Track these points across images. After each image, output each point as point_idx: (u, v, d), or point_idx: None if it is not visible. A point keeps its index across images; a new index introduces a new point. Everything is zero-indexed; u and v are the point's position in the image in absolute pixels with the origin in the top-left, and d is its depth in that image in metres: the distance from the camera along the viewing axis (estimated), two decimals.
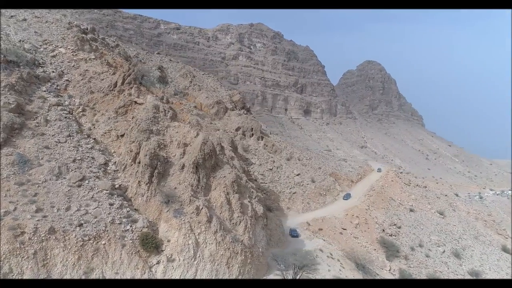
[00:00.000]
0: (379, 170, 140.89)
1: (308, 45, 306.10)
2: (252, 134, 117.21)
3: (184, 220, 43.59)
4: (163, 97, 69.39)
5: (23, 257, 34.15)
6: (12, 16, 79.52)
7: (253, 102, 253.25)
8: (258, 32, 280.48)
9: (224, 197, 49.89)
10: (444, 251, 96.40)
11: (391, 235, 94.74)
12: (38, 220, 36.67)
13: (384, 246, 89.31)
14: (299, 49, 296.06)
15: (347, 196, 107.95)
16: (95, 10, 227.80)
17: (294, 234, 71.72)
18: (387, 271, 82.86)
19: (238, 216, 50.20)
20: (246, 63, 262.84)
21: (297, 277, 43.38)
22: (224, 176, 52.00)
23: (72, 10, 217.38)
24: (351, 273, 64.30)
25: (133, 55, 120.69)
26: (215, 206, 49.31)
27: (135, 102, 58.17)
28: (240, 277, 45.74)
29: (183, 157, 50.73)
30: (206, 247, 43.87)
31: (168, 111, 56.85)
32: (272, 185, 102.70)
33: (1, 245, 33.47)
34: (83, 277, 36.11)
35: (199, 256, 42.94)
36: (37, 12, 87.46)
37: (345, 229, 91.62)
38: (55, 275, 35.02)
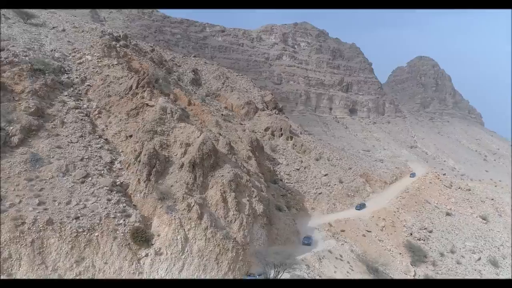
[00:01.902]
0: (412, 175, 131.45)
1: (354, 42, 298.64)
2: (281, 134, 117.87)
3: (174, 216, 46.09)
4: (176, 99, 72.67)
5: (21, 244, 38.53)
6: (53, 27, 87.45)
7: (297, 102, 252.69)
8: (303, 31, 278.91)
9: (220, 195, 51.70)
10: (479, 259, 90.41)
11: (419, 239, 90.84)
12: (38, 212, 41.04)
13: (411, 251, 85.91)
14: (345, 47, 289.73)
15: (360, 207, 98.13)
16: (145, 17, 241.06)
17: (306, 242, 67.37)
18: (411, 276, 79.88)
19: (234, 214, 51.77)
20: (289, 62, 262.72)
21: (278, 276, 43.97)
22: (222, 175, 53.80)
23: (124, 16, 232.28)
24: (359, 276, 63.17)
25: (168, 59, 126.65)
26: (210, 204, 51.31)
27: (147, 105, 61.89)
28: (230, 273, 47.28)
29: (183, 157, 53.33)
30: (195, 242, 45.98)
31: (176, 113, 59.77)
32: (298, 185, 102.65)
33: (3, 233, 38.05)
34: (74, 265, 39.85)
35: (187, 251, 45.16)
36: (76, 22, 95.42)
37: (370, 232, 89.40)
38: (49, 262, 39.06)
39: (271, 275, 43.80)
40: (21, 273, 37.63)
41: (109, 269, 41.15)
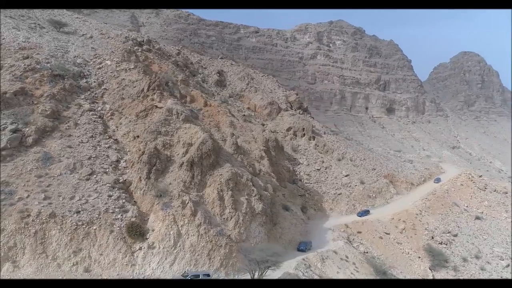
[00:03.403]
0: (437, 180, 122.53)
1: (392, 39, 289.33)
2: (304, 134, 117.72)
3: (168, 212, 48.46)
4: (185, 101, 75.37)
5: (26, 235, 42.52)
6: (83, 35, 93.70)
7: (331, 101, 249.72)
8: (338, 29, 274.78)
9: (217, 193, 53.44)
10: (508, 265, 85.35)
11: (441, 243, 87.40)
12: (43, 206, 44.97)
13: (431, 255, 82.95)
14: (382, 44, 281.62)
15: (362, 214, 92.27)
16: (181, 20, 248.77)
17: (302, 247, 62.69)
18: None
19: (230, 212, 53.31)
20: (324, 61, 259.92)
21: (263, 273, 44.83)
22: (221, 174, 55.52)
23: (161, 21, 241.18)
24: (363, 277, 62.31)
25: (195, 61, 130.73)
26: (207, 201, 53.20)
27: (156, 106, 65.03)
28: (222, 269, 48.92)
29: (184, 156, 55.67)
30: (188, 238, 48.07)
31: (181, 114, 62.33)
32: (317, 186, 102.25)
33: (10, 224, 42.20)
34: (72, 255, 43.30)
35: (179, 246, 47.34)
36: (104, 29, 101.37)
37: (388, 234, 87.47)
38: (50, 252, 42.76)
39: (256, 273, 44.78)
40: (24, 260, 41.58)
41: (104, 260, 44.23)
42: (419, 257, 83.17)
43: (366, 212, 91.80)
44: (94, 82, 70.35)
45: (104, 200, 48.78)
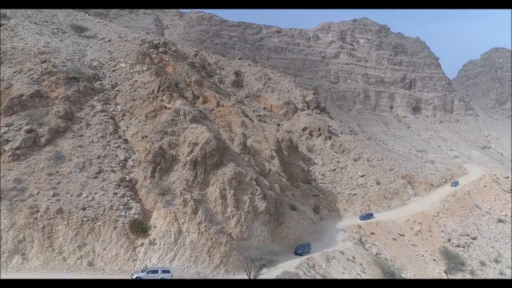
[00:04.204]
0: (454, 184, 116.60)
1: (419, 36, 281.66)
2: (320, 134, 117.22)
3: (170, 210, 49.92)
4: (194, 102, 76.87)
5: (34, 229, 45.03)
6: (102, 38, 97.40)
7: (354, 100, 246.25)
8: (362, 27, 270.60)
9: (219, 192, 54.47)
10: None
11: (458, 246, 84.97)
12: (51, 202, 47.43)
13: (447, 258, 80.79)
14: (408, 42, 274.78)
15: (365, 217, 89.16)
16: (204, 22, 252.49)
17: (299, 251, 60.27)
18: None
19: (232, 211, 54.24)
20: (347, 60, 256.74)
21: (258, 271, 45.32)
22: (224, 173, 56.52)
23: (185, 23, 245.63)
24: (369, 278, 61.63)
25: (212, 62, 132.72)
26: (210, 200, 54.35)
27: (165, 107, 66.87)
28: (222, 266, 49.90)
29: (189, 156, 57.07)
30: (188, 235, 49.35)
31: (188, 114, 63.81)
32: (332, 186, 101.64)
33: (20, 219, 44.84)
34: (76, 250, 45.48)
35: (180, 243, 48.69)
36: (123, 33, 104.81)
37: (402, 236, 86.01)
38: (56, 246, 45.11)
39: (252, 271, 45.39)
40: (32, 253, 44.07)
41: (107, 254, 46.17)
42: (434, 260, 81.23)
43: (369, 216, 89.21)
44: (108, 84, 73.13)
45: (110, 198, 50.82)
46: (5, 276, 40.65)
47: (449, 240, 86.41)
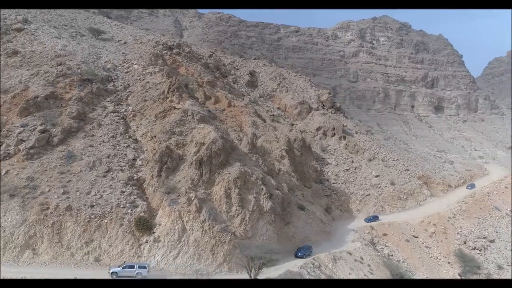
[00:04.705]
0: (470, 186, 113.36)
1: (442, 33, 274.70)
2: (334, 134, 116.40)
3: (174, 208, 50.97)
4: (205, 102, 77.85)
5: (44, 225, 46.95)
6: (118, 41, 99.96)
7: (374, 100, 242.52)
8: (382, 25, 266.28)
9: (224, 191, 55.16)
10: None
11: (474, 249, 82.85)
12: (61, 200, 49.31)
13: (462, 260, 78.89)
14: (430, 39, 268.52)
15: (369, 219, 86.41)
16: (222, 23, 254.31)
17: (299, 254, 59.01)
18: None
19: (236, 210, 54.80)
20: (366, 59, 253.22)
21: (259, 270, 45.65)
22: (229, 173, 57.15)
23: (203, 24, 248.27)
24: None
25: (227, 63, 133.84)
26: (214, 199, 55.11)
27: (174, 108, 68.16)
28: (225, 264, 50.61)
29: (195, 155, 58.04)
30: (192, 233, 50.28)
31: (196, 115, 64.83)
32: (345, 186, 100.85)
33: (31, 215, 46.86)
34: (84, 245, 47.14)
35: (183, 240, 49.68)
36: (138, 35, 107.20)
37: (416, 237, 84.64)
38: (65, 242, 46.88)
39: (252, 270, 45.82)
40: (42, 249, 45.99)
41: (113, 251, 47.63)
42: (448, 263, 79.56)
43: (374, 218, 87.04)
44: (121, 85, 75.11)
45: (117, 196, 52.33)
46: (17, 269, 42.69)
47: (465, 243, 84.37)
